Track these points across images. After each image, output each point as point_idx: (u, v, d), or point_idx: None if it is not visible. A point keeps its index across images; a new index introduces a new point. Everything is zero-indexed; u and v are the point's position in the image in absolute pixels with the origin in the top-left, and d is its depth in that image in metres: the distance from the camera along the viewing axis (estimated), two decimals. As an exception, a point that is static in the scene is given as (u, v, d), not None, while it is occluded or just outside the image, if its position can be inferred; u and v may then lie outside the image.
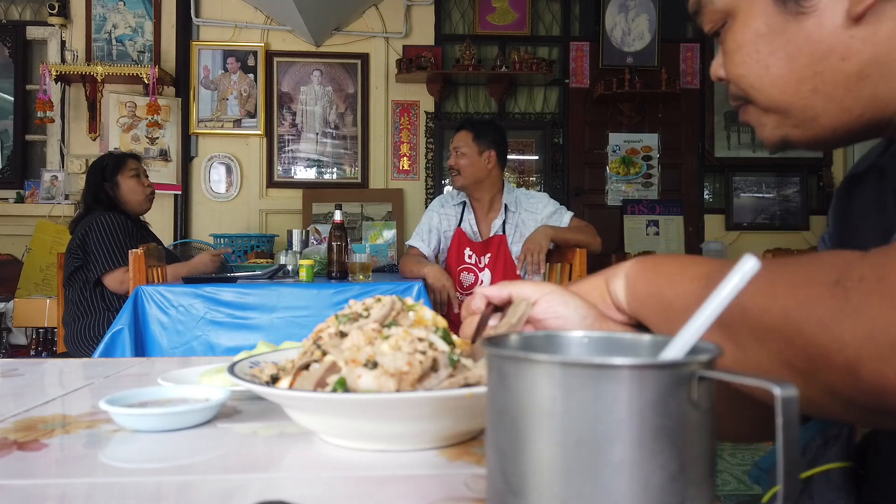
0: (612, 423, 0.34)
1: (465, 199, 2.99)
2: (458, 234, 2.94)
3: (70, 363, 1.19)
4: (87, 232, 2.77)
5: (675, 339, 0.39)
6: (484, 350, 0.44)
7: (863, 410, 0.46)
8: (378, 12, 4.63)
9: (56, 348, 3.46)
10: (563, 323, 0.66)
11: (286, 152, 4.62)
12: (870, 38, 0.59)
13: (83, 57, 4.41)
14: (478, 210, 3.00)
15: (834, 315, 0.44)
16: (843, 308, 0.44)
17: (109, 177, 2.93)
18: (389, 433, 0.60)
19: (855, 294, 0.43)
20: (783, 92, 0.65)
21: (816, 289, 0.45)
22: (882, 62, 0.59)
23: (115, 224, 2.78)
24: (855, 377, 0.44)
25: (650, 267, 0.61)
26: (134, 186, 2.97)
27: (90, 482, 0.55)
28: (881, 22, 0.58)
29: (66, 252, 2.89)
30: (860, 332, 0.43)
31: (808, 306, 0.45)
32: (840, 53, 0.60)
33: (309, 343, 0.66)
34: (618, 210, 4.78)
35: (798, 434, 0.35)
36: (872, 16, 0.59)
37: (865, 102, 0.61)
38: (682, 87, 4.70)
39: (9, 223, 4.33)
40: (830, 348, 0.44)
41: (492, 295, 0.69)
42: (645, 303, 0.61)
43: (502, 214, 2.93)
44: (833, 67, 0.61)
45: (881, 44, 0.59)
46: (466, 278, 2.90)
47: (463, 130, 2.95)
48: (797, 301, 0.46)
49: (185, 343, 2.33)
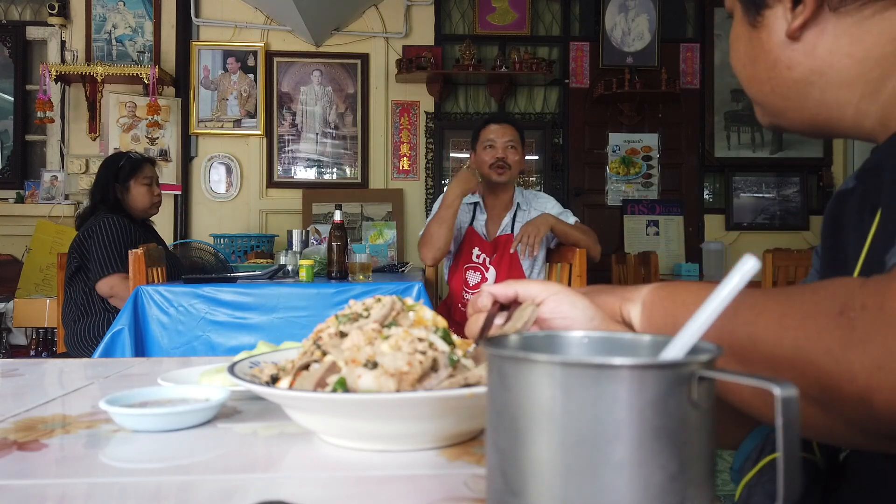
0: (612, 423, 0.34)
1: (479, 200, 2.99)
2: (469, 232, 2.94)
3: (70, 363, 1.19)
4: (88, 235, 2.76)
5: (675, 339, 0.39)
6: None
7: (882, 438, 0.47)
8: (378, 12, 4.63)
9: (56, 348, 3.46)
10: (569, 324, 0.66)
11: (286, 152, 4.62)
12: (810, 52, 0.66)
13: (83, 57, 4.40)
14: (493, 208, 2.99)
15: (841, 346, 0.45)
16: (850, 338, 0.45)
17: (122, 179, 2.91)
18: (389, 433, 0.60)
19: (860, 323, 0.45)
20: (753, 88, 0.73)
21: (823, 319, 0.47)
22: (822, 72, 0.66)
23: (117, 228, 2.77)
24: (868, 407, 0.45)
25: (667, 295, 0.64)
26: (144, 194, 2.96)
27: (90, 482, 0.55)
28: (820, 38, 0.65)
29: (69, 250, 2.88)
30: (868, 363, 0.44)
31: (817, 338, 0.47)
32: (785, 63, 0.68)
33: (309, 343, 0.66)
34: (618, 210, 4.78)
35: (798, 434, 0.35)
36: (811, 33, 0.65)
37: (816, 105, 0.68)
38: (682, 87, 4.70)
39: (9, 223, 4.33)
40: (842, 379, 0.46)
41: (498, 293, 0.69)
42: (660, 331, 0.62)
43: (513, 212, 2.95)
44: (782, 75, 0.69)
45: (820, 57, 0.66)
46: (473, 277, 2.90)
47: (509, 125, 2.93)
48: (806, 333, 0.47)
49: (185, 343, 2.33)
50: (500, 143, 2.87)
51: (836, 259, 0.69)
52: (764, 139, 4.86)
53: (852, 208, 0.66)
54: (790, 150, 4.86)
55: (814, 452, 0.66)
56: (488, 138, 2.89)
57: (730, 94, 4.84)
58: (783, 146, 4.86)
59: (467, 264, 2.90)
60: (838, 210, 0.70)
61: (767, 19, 0.68)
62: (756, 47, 0.70)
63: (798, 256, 2.93)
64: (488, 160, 2.88)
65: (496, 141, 2.88)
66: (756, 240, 4.75)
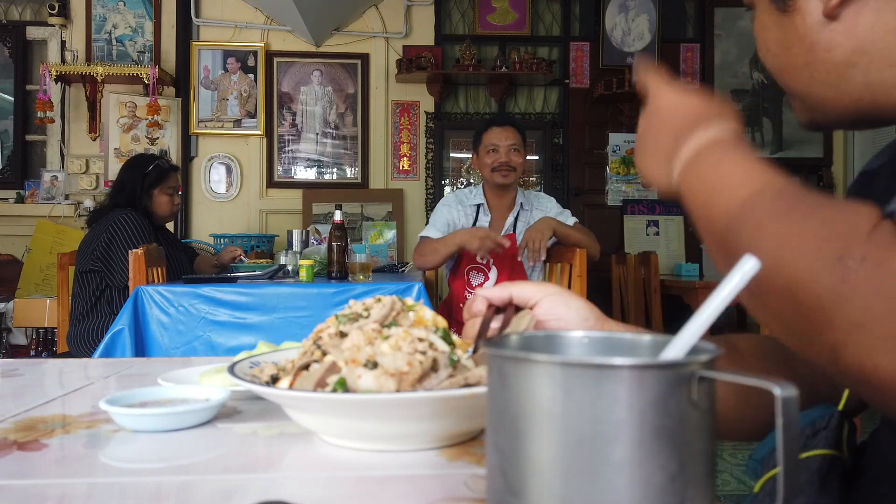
0: (612, 423, 0.34)
1: (482, 202, 2.99)
2: None
3: (70, 363, 1.19)
4: (112, 236, 2.72)
5: (675, 339, 0.40)
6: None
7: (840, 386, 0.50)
8: (378, 12, 4.63)
9: (56, 348, 3.46)
10: (563, 324, 0.66)
11: (286, 152, 4.62)
12: (850, 31, 0.61)
13: (83, 57, 4.40)
14: (496, 209, 2.99)
15: (829, 295, 0.46)
16: (840, 290, 0.45)
17: (148, 186, 2.91)
18: (389, 433, 0.60)
19: (853, 277, 0.45)
20: (789, 78, 0.68)
21: (820, 262, 0.47)
22: (865, 52, 0.61)
23: (139, 227, 2.74)
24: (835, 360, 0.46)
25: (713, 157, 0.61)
26: (166, 203, 2.97)
27: (90, 482, 0.55)
28: (860, 16, 0.60)
29: (83, 245, 2.83)
30: (851, 319, 0.45)
31: (810, 281, 0.47)
32: (824, 46, 0.63)
33: (309, 343, 0.66)
34: (618, 210, 4.78)
35: (798, 434, 0.35)
36: (850, 10, 0.61)
37: (860, 89, 0.63)
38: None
39: (9, 223, 4.33)
40: (822, 327, 0.46)
41: (493, 297, 0.69)
42: (692, 195, 0.62)
43: (516, 212, 2.96)
44: (821, 58, 0.63)
45: (862, 36, 0.61)
46: (476, 277, 2.91)
47: (512, 127, 2.93)
48: (800, 272, 0.47)
49: (185, 343, 2.33)
50: (504, 147, 2.88)
51: None
52: (764, 139, 4.86)
53: (879, 187, 0.64)
54: (790, 150, 4.86)
55: (842, 450, 0.66)
56: (491, 142, 2.89)
57: (730, 94, 4.84)
58: (783, 146, 4.86)
59: (470, 265, 2.90)
60: (863, 193, 0.67)
61: (799, 2, 0.64)
62: (789, 33, 0.65)
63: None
64: (491, 163, 2.88)
65: (499, 144, 2.88)
66: (756, 240, 4.74)
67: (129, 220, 2.75)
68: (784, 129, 4.85)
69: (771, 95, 4.85)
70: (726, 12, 4.82)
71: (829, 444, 0.65)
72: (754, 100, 4.86)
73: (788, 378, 0.35)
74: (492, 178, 2.89)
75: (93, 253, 2.75)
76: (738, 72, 4.85)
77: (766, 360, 0.73)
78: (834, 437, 0.65)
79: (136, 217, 2.78)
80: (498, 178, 2.88)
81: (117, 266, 2.71)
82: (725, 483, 2.67)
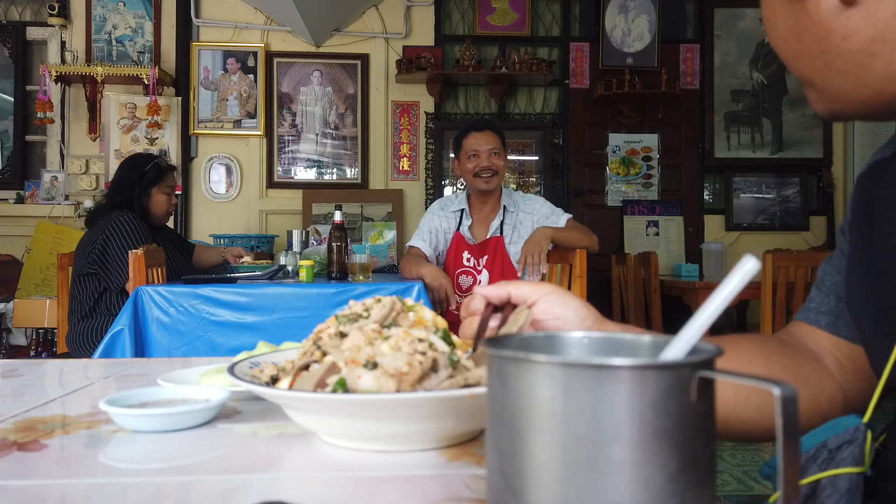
0: (613, 424, 0.34)
1: (465, 207, 3.00)
2: (457, 237, 2.96)
3: (70, 363, 1.19)
4: (108, 238, 2.71)
5: (675, 340, 0.39)
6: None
7: None
8: (378, 13, 4.63)
9: (56, 348, 3.46)
10: (561, 324, 0.66)
11: (286, 153, 4.62)
12: (869, 17, 0.57)
13: (83, 57, 4.41)
14: (479, 212, 3.00)
15: None
16: None
17: (146, 185, 2.91)
18: (389, 433, 0.60)
19: None
20: (802, 65, 0.63)
21: None
22: (886, 39, 0.57)
23: (136, 228, 2.74)
24: None
25: None
26: (163, 202, 2.97)
27: (90, 482, 0.55)
28: (881, 1, 0.56)
29: (80, 247, 2.82)
30: None
31: None
32: (840, 34, 0.58)
33: (309, 343, 0.66)
34: (618, 210, 4.78)
35: (798, 434, 0.35)
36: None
37: (880, 79, 0.58)
38: (682, 87, 4.70)
39: (9, 223, 4.33)
40: None
41: (490, 295, 0.69)
42: None
43: (500, 214, 2.96)
44: (837, 47, 0.59)
45: (883, 22, 0.56)
46: (465, 281, 2.91)
47: (491, 132, 2.94)
48: None
49: (185, 343, 2.33)
50: (484, 152, 2.90)
51: (869, 242, 0.63)
52: (764, 140, 4.86)
53: (891, 180, 0.61)
54: (790, 151, 4.87)
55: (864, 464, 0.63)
56: (472, 147, 2.92)
57: (730, 94, 4.84)
58: (783, 146, 4.87)
59: (459, 269, 2.91)
60: (873, 183, 0.63)
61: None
62: (801, 19, 0.60)
63: (798, 257, 2.93)
64: (473, 168, 2.90)
65: (480, 150, 2.90)
66: (756, 240, 4.75)
67: (125, 222, 2.75)
68: (784, 129, 4.86)
69: (771, 95, 4.85)
70: (726, 13, 4.82)
71: (855, 461, 0.62)
72: (754, 100, 4.86)
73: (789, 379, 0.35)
74: (474, 183, 2.92)
75: (89, 256, 2.74)
76: (738, 72, 4.85)
77: (767, 361, 0.72)
78: (860, 453, 0.62)
79: (131, 219, 2.77)
80: (481, 184, 2.90)
81: (114, 269, 2.71)
82: (725, 483, 2.67)
